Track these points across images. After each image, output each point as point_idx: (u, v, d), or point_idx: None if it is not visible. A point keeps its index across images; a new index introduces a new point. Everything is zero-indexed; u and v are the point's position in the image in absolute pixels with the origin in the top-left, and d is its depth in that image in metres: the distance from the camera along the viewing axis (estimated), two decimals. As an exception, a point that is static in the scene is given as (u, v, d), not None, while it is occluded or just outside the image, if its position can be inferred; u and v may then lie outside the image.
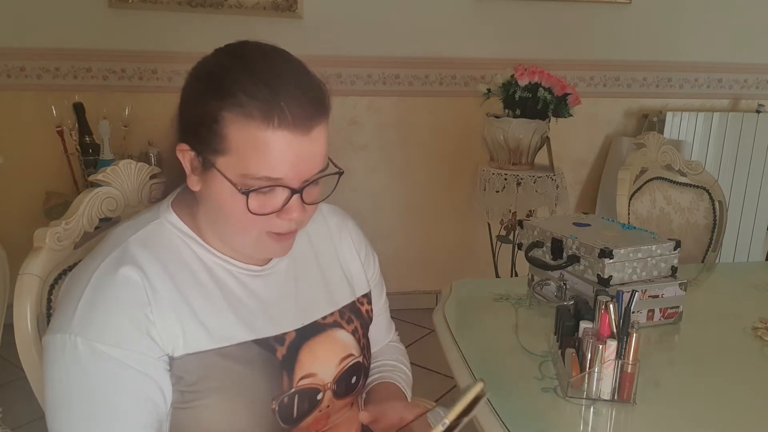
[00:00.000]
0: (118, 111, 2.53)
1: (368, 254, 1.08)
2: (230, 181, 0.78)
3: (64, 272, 0.97)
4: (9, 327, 0.96)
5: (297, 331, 0.90)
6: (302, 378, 0.89)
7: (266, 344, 0.87)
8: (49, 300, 0.96)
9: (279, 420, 0.86)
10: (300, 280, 0.95)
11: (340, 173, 0.85)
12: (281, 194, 0.80)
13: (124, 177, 1.06)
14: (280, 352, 0.87)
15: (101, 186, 1.04)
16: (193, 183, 0.83)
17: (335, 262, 1.01)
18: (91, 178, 1.05)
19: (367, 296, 1.04)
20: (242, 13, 2.63)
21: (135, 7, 2.57)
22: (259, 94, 0.76)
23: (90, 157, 2.48)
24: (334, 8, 2.74)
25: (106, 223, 1.04)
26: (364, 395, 1.05)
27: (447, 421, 0.74)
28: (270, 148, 0.76)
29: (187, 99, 0.82)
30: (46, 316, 0.95)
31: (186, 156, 0.82)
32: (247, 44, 0.82)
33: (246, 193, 0.78)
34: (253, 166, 0.77)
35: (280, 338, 0.88)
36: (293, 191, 0.80)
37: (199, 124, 0.79)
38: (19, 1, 2.52)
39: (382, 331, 1.13)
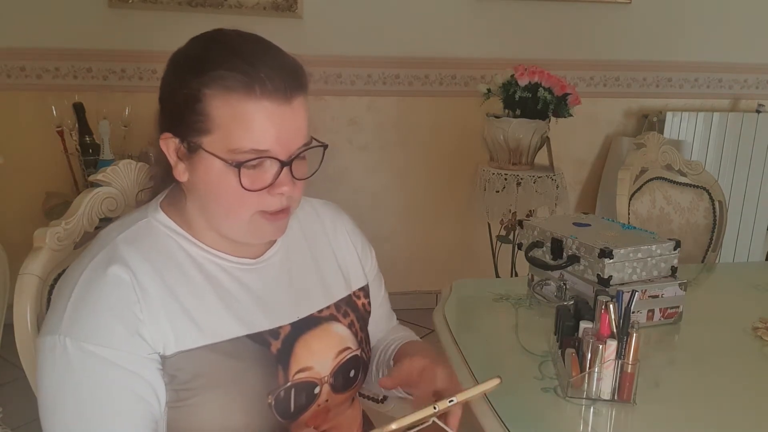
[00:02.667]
0: (118, 111, 2.53)
1: (365, 247, 1.08)
2: (219, 157, 0.79)
3: (64, 272, 0.97)
4: (9, 327, 0.96)
5: (292, 324, 0.90)
6: (298, 372, 0.89)
7: (260, 338, 0.87)
8: (49, 300, 0.96)
9: (276, 415, 0.86)
10: (294, 274, 0.95)
11: (325, 147, 0.87)
12: (270, 168, 0.81)
13: (124, 177, 1.06)
14: (275, 346, 0.87)
15: (101, 186, 1.04)
16: (180, 173, 0.84)
17: (330, 255, 1.01)
18: (91, 178, 1.05)
19: (365, 289, 1.04)
20: (242, 13, 2.63)
21: (135, 7, 2.57)
22: (238, 68, 0.77)
23: (90, 157, 2.48)
24: (334, 8, 2.74)
25: (106, 223, 1.04)
26: (392, 362, 1.03)
27: (455, 399, 0.77)
28: (254, 118, 0.78)
29: (167, 87, 0.83)
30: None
31: (170, 145, 0.83)
32: (221, 29, 0.84)
33: (238, 166, 0.78)
34: (239, 139, 0.78)
35: (274, 332, 0.88)
36: (282, 163, 0.81)
37: (181, 108, 0.79)
38: (19, 1, 2.51)
39: (383, 322, 1.13)
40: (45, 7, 2.53)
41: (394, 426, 0.72)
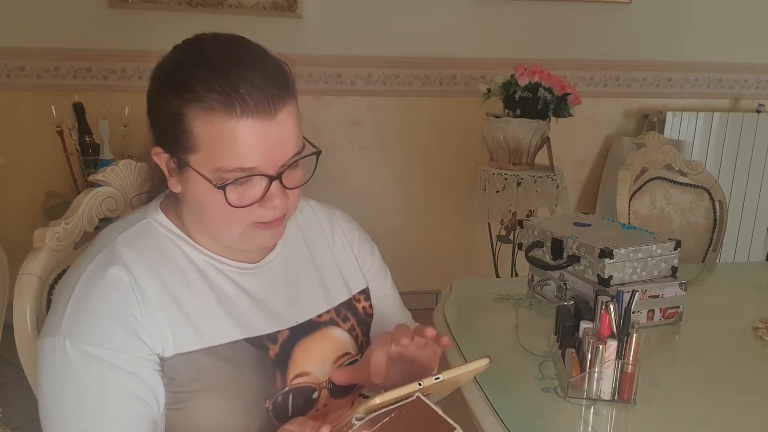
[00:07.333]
0: (118, 111, 2.53)
1: (363, 245, 1.06)
2: (205, 177, 0.78)
3: (64, 272, 0.97)
4: (9, 327, 0.96)
5: (290, 329, 0.90)
6: (296, 377, 0.88)
7: (258, 343, 0.86)
8: (49, 300, 0.96)
9: (274, 419, 0.86)
10: (294, 278, 0.94)
11: (318, 153, 0.84)
12: (259, 183, 0.79)
13: (124, 177, 1.06)
14: (273, 351, 0.87)
15: (101, 186, 1.04)
16: (174, 185, 0.83)
17: (330, 258, 1.00)
18: (91, 178, 1.05)
19: (365, 292, 1.03)
20: (242, 13, 2.63)
21: (135, 7, 2.57)
22: (216, 85, 0.74)
23: (90, 157, 2.48)
24: (334, 8, 2.74)
25: (106, 223, 1.04)
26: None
27: (441, 377, 0.76)
28: (237, 138, 0.75)
29: (152, 101, 0.81)
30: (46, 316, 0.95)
31: (162, 159, 0.82)
32: (202, 37, 0.81)
33: (222, 187, 0.77)
34: (223, 158, 0.76)
35: (272, 337, 0.88)
36: (271, 178, 0.79)
37: (166, 124, 0.78)
38: (19, 1, 2.52)
39: (398, 316, 1.11)
40: (45, 7, 2.53)
41: (378, 400, 0.71)
